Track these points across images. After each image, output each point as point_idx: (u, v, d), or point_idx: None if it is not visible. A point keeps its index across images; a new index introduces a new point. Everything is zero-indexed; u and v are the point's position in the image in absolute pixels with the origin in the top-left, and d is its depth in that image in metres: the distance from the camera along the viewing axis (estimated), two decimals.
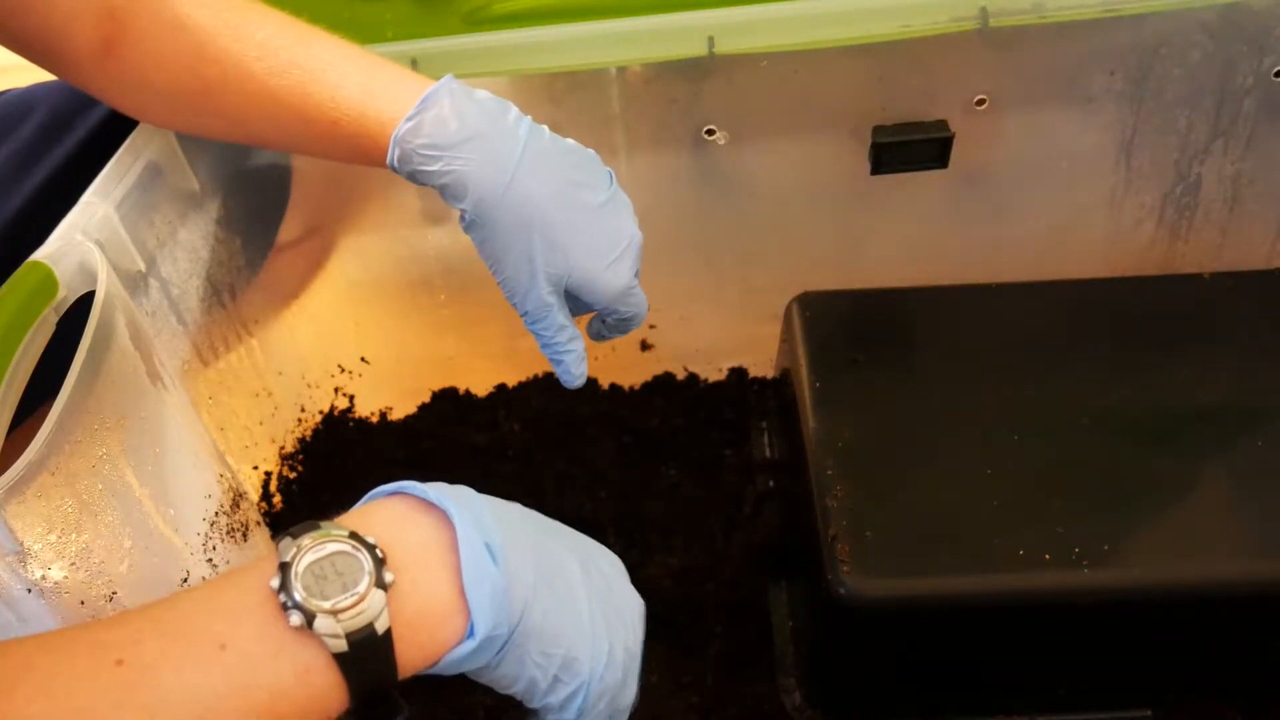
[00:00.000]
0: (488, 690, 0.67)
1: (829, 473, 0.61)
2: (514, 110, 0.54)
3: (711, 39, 0.67)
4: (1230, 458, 0.61)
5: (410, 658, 0.37)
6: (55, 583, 0.47)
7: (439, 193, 0.53)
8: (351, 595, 0.36)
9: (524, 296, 0.54)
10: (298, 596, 0.36)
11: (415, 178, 0.53)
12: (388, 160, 0.53)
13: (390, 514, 0.40)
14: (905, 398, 0.66)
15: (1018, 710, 0.61)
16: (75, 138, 0.67)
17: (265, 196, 0.75)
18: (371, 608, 0.36)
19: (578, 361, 0.56)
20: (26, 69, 0.58)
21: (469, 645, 0.38)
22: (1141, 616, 0.57)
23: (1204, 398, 0.64)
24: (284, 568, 0.36)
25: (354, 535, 0.37)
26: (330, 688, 0.36)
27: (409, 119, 0.52)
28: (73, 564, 0.48)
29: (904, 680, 0.62)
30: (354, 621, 0.36)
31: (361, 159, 0.55)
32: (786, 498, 0.74)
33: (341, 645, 0.36)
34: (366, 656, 0.36)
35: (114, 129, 0.63)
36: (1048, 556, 0.56)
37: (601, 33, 0.67)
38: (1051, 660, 0.60)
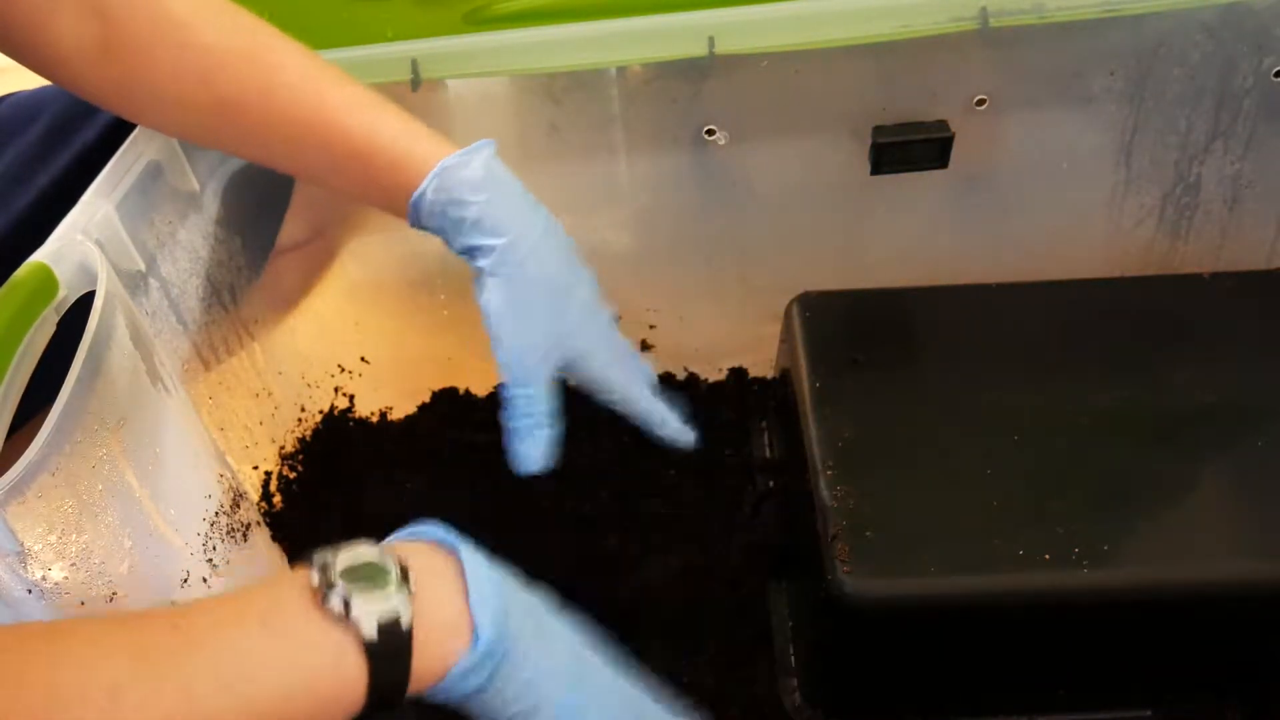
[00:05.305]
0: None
1: (829, 473, 0.61)
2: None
3: (711, 39, 0.67)
4: (1230, 458, 0.61)
5: (421, 667, 0.39)
6: (55, 583, 0.47)
7: (460, 233, 0.53)
8: (382, 589, 0.39)
9: (520, 357, 0.54)
10: (337, 585, 0.38)
11: (447, 211, 0.53)
12: (418, 190, 0.53)
13: (406, 547, 0.42)
14: (905, 398, 0.66)
15: (1018, 710, 0.61)
16: (81, 141, 0.67)
17: (265, 196, 0.75)
18: (400, 602, 0.39)
19: (540, 443, 0.53)
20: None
21: (472, 656, 0.40)
22: (1142, 616, 0.57)
23: (1204, 398, 0.64)
24: (323, 567, 0.39)
25: (379, 548, 0.41)
26: (354, 679, 0.38)
27: (462, 153, 0.53)
28: (73, 564, 0.48)
29: (904, 680, 0.62)
30: (386, 612, 0.38)
31: (381, 195, 0.55)
32: (786, 498, 0.74)
33: (373, 632, 0.38)
34: (390, 649, 0.38)
35: (120, 133, 0.63)
36: (1048, 556, 0.56)
37: (601, 33, 0.67)
38: (1051, 660, 0.60)
